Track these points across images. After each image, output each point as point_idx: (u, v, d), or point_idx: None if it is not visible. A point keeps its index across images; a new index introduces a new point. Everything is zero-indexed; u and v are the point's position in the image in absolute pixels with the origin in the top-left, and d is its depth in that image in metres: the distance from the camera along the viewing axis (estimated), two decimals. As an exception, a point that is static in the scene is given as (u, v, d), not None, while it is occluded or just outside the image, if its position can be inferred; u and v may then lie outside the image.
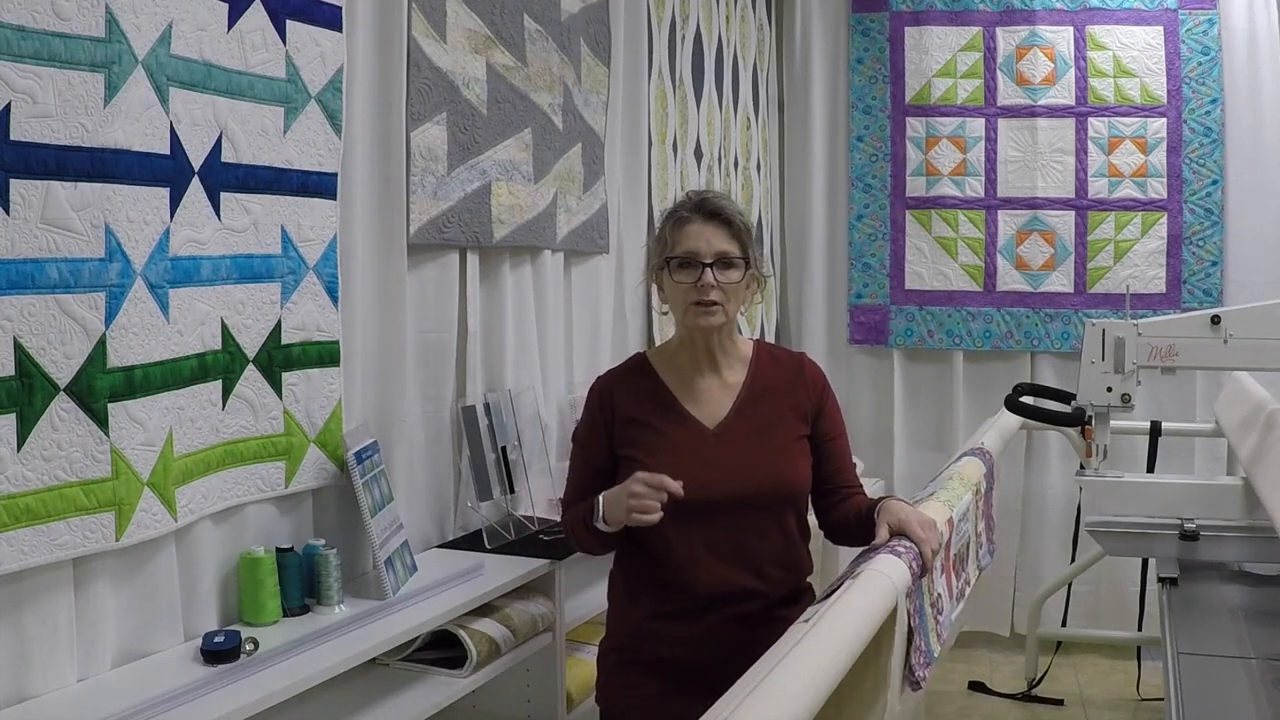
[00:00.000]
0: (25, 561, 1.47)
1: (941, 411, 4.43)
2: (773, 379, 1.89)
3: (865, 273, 4.47)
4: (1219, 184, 4.15)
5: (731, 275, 1.79)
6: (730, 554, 1.80)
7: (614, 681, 1.90)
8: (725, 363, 1.87)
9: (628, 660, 1.87)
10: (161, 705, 1.50)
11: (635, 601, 1.87)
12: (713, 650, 1.78)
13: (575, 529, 1.86)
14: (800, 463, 1.87)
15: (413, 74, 2.25)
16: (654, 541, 1.80)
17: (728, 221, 1.80)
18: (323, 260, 2.02)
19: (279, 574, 1.87)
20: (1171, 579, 2.68)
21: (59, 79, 1.48)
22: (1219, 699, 1.97)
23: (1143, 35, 4.20)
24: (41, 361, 1.49)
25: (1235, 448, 3.01)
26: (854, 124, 4.47)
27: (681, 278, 1.80)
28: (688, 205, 1.83)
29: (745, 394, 1.86)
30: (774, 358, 1.93)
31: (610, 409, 1.86)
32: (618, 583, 1.93)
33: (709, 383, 1.86)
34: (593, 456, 1.88)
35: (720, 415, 1.84)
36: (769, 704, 1.08)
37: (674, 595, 1.81)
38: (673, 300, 1.83)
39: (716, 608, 1.80)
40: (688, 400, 1.85)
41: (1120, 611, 4.07)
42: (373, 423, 2.19)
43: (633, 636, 1.87)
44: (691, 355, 1.87)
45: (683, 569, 1.79)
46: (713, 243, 1.78)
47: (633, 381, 1.89)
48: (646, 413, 1.84)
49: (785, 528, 1.86)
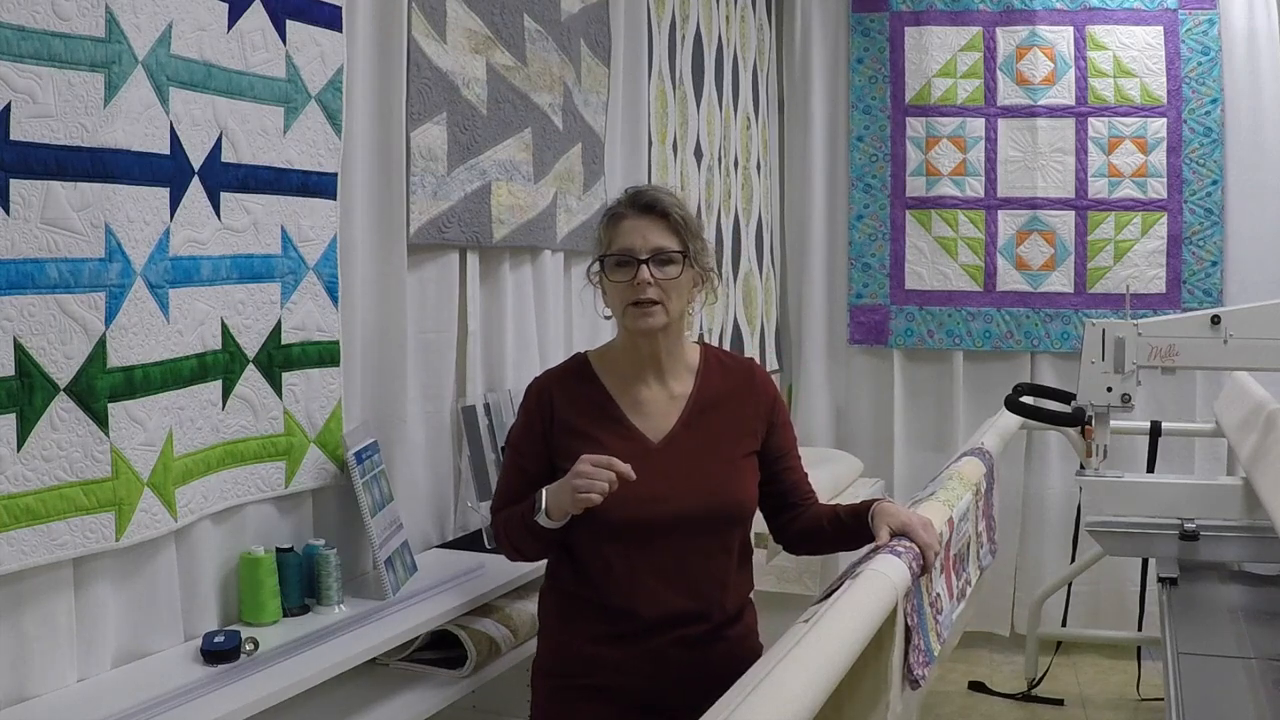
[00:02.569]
0: (25, 561, 1.47)
1: (941, 412, 4.43)
2: (721, 389, 1.78)
3: (865, 273, 4.47)
4: (1219, 184, 4.15)
5: (669, 271, 1.68)
6: (674, 576, 1.70)
7: (551, 708, 1.78)
8: (671, 371, 1.76)
9: (563, 685, 1.76)
10: (161, 705, 1.50)
11: (570, 622, 1.76)
12: (656, 674, 1.70)
13: (509, 530, 1.74)
14: (749, 481, 1.77)
15: (413, 74, 2.25)
16: (592, 560, 1.71)
17: (664, 214, 1.69)
18: (323, 260, 2.02)
19: (279, 574, 1.87)
20: (1171, 579, 2.68)
21: (59, 79, 1.48)
22: (1219, 699, 1.97)
23: (1143, 35, 4.20)
24: (41, 361, 1.49)
25: (1235, 448, 3.01)
26: (854, 124, 4.47)
27: (618, 277, 1.69)
28: (623, 201, 1.74)
29: (692, 406, 1.75)
30: (723, 365, 1.82)
31: (549, 412, 1.75)
32: (548, 601, 1.82)
33: (654, 393, 1.75)
34: (528, 462, 1.75)
35: (665, 428, 1.73)
36: (769, 703, 1.08)
37: (615, 619, 1.70)
38: (611, 302, 1.72)
39: (660, 631, 1.69)
40: (631, 410, 1.74)
41: (1120, 611, 4.07)
42: (373, 423, 2.19)
43: (569, 661, 1.75)
44: (635, 361, 1.75)
45: (625, 591, 1.69)
46: (648, 238, 1.68)
47: (572, 386, 1.77)
48: (587, 422, 1.72)
49: (729, 548, 1.75)
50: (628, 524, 1.67)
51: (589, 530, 1.69)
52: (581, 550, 1.73)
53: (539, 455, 1.75)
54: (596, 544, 1.70)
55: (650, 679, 1.71)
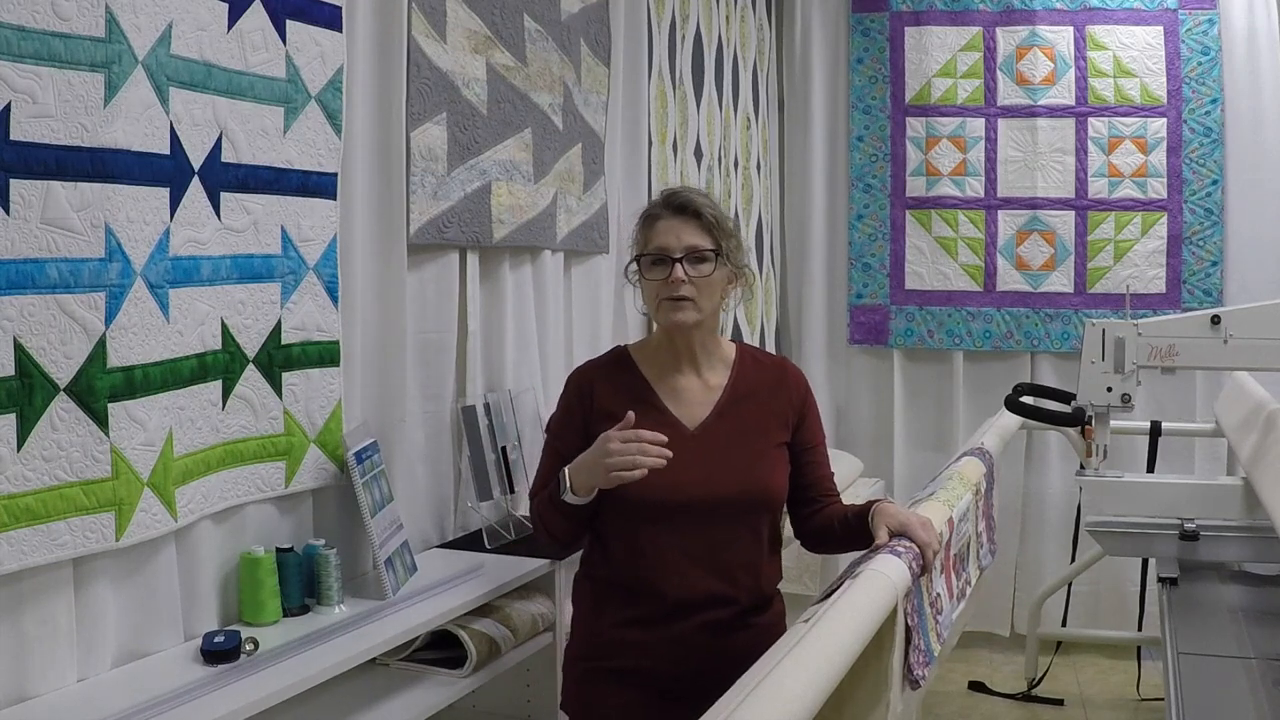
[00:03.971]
0: (25, 561, 1.47)
1: (941, 411, 4.43)
2: (755, 383, 1.85)
3: (865, 273, 4.47)
4: (1219, 184, 4.15)
5: (703, 269, 1.75)
6: (702, 559, 1.75)
7: (581, 690, 1.85)
8: (707, 363, 1.84)
9: (594, 669, 1.83)
10: (161, 705, 1.50)
11: (601, 608, 1.83)
12: (681, 659, 1.75)
13: (543, 512, 1.80)
14: (779, 470, 1.83)
15: (413, 74, 2.25)
16: (624, 541, 1.77)
17: (697, 214, 1.77)
18: (323, 260, 2.02)
19: (279, 574, 1.87)
20: (1171, 579, 2.68)
21: (59, 79, 1.48)
22: (1219, 699, 1.97)
23: (1143, 35, 4.20)
24: (41, 361, 1.49)
25: (1235, 448, 3.01)
26: (854, 124, 4.47)
27: (653, 275, 1.77)
28: (658, 203, 1.82)
29: (727, 396, 1.83)
30: (756, 361, 1.90)
31: (589, 400, 1.82)
32: (583, 588, 1.88)
33: (690, 382, 1.83)
34: (566, 448, 1.80)
35: (701, 416, 1.81)
36: (769, 703, 1.08)
37: (642, 601, 1.77)
38: (647, 298, 1.81)
39: (686, 614, 1.75)
40: (668, 398, 1.82)
41: (1120, 611, 4.07)
42: (373, 423, 2.19)
43: (599, 645, 1.82)
44: (672, 353, 1.83)
45: (653, 572, 1.75)
46: (682, 237, 1.75)
47: (613, 375, 1.85)
48: (625, 407, 1.75)
49: (759, 535, 1.81)
50: (662, 506, 1.72)
51: (623, 512, 1.75)
52: (614, 532, 1.78)
53: (576, 442, 1.79)
54: (629, 525, 1.74)
55: (674, 663, 1.75)
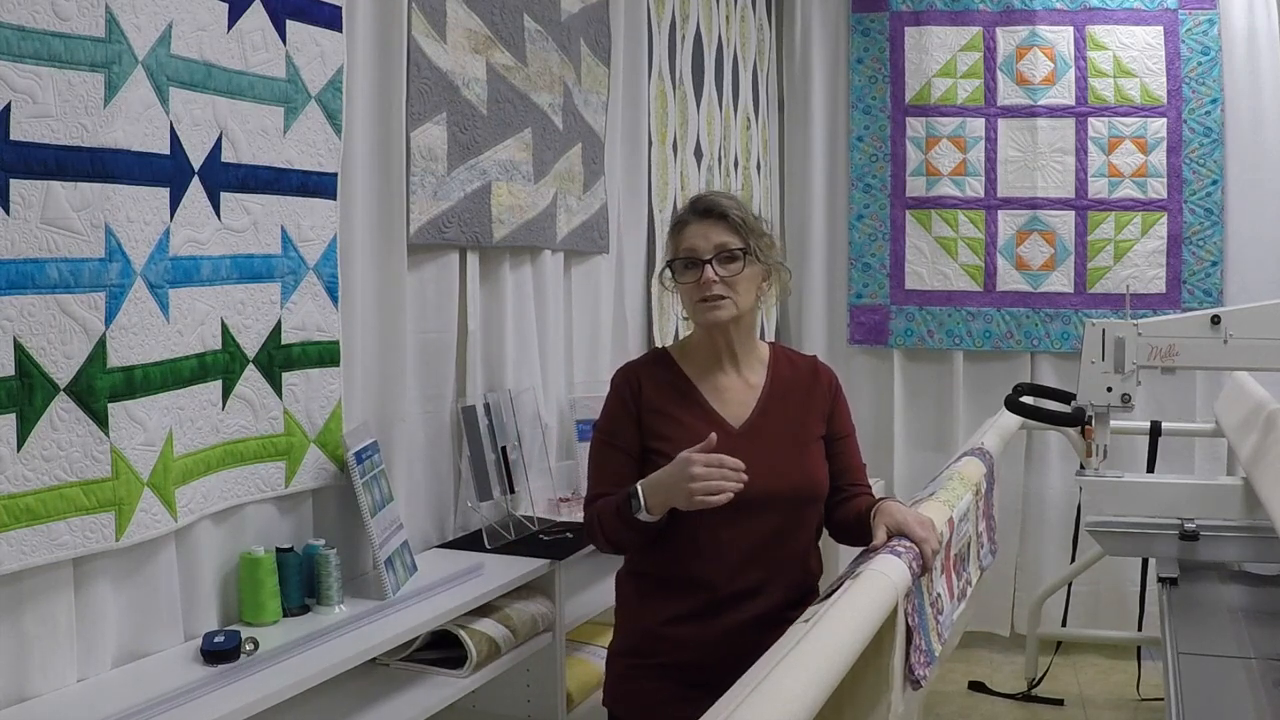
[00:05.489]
0: (25, 561, 1.47)
1: (941, 411, 4.43)
2: (791, 380, 1.90)
3: (865, 273, 4.47)
4: (1219, 184, 4.15)
5: (733, 267, 1.79)
6: (753, 553, 1.79)
7: (624, 686, 1.88)
8: (745, 361, 1.88)
9: (639, 665, 1.85)
10: (161, 705, 1.50)
11: (646, 604, 1.85)
12: (726, 652, 1.74)
13: (605, 522, 1.77)
14: (822, 463, 1.88)
15: (413, 74, 2.25)
16: (677, 536, 1.77)
17: (723, 215, 1.80)
18: (323, 260, 2.02)
19: (279, 574, 1.87)
20: (1171, 579, 2.68)
21: (59, 79, 1.48)
22: (1219, 699, 1.97)
23: (1143, 35, 4.20)
24: (41, 361, 1.49)
25: (1235, 448, 3.01)
26: (854, 124, 4.47)
27: (687, 278, 1.81)
28: (686, 209, 1.86)
29: (767, 394, 1.87)
30: (790, 359, 1.95)
31: (637, 395, 1.84)
32: (627, 584, 1.91)
33: (732, 381, 1.87)
34: (624, 443, 1.82)
35: (744, 414, 1.85)
36: (769, 704, 1.08)
37: (690, 595, 1.79)
38: (684, 301, 1.85)
39: (733, 608, 1.78)
40: (712, 396, 1.85)
41: (1120, 611, 4.07)
42: (373, 423, 2.19)
43: (645, 640, 1.84)
44: (712, 352, 1.87)
45: (707, 567, 1.78)
46: (710, 238, 1.79)
47: (657, 373, 1.88)
48: (671, 404, 1.82)
49: (807, 528, 1.87)
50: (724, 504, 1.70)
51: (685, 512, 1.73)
52: (671, 530, 1.77)
53: (632, 437, 1.82)
54: (690, 523, 1.75)
55: (722, 657, 1.73)
